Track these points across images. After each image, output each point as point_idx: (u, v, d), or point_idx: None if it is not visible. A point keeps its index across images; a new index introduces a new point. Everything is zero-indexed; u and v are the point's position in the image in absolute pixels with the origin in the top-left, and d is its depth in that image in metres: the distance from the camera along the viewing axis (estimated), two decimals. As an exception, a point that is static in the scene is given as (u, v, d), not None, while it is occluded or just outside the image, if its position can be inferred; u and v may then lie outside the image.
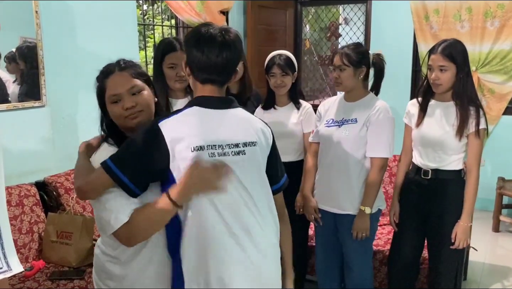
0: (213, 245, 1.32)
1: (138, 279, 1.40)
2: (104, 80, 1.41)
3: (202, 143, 1.31)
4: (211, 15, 4.10)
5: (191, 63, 1.38)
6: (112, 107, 1.40)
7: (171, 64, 2.06)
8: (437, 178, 2.20)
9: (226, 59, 1.36)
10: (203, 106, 1.38)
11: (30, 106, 2.71)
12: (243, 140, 1.38)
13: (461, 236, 2.14)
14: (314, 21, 5.93)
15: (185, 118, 1.35)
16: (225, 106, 1.41)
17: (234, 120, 1.40)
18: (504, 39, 4.10)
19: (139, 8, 4.68)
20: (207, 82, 1.39)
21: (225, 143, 1.35)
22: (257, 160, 1.41)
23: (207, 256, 1.32)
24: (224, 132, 1.36)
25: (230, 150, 1.35)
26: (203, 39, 1.35)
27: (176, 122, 1.33)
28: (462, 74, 2.10)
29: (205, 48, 1.34)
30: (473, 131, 2.11)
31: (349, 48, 2.18)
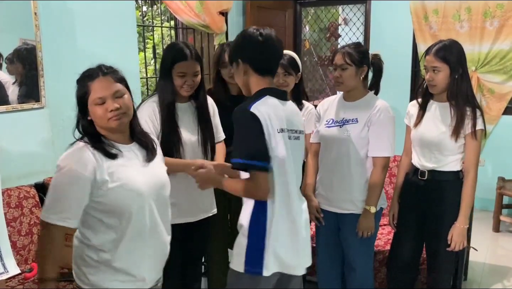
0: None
1: (121, 264, 1.52)
2: (88, 84, 1.50)
3: (283, 126, 1.65)
4: (210, 16, 4.10)
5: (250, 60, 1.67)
6: (96, 109, 1.49)
7: (182, 73, 2.06)
8: (434, 179, 2.20)
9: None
10: (273, 96, 1.67)
11: (30, 108, 2.70)
12: (299, 128, 1.74)
13: (457, 238, 2.13)
14: (313, 21, 5.93)
15: (267, 103, 1.63)
16: (285, 98, 1.74)
17: (292, 110, 1.75)
18: (504, 39, 4.10)
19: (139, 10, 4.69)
20: (268, 74, 1.70)
21: (292, 129, 1.69)
22: (303, 145, 1.79)
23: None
24: (290, 120, 1.69)
25: (294, 135, 1.69)
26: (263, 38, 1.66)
27: (262, 106, 1.61)
28: (456, 75, 2.10)
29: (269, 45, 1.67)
30: (470, 132, 2.10)
31: (351, 48, 2.18)
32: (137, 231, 1.53)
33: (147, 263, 1.58)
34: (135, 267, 1.55)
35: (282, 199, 1.65)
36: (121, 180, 1.49)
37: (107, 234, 1.51)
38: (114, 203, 1.48)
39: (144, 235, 1.56)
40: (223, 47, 2.56)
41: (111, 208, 1.49)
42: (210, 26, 4.13)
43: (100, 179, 1.46)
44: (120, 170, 1.50)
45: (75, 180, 1.44)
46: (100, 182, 1.46)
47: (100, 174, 1.46)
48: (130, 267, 1.54)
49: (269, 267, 1.62)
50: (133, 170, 1.54)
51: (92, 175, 1.45)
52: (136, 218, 1.52)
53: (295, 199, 1.70)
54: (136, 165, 1.57)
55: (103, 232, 1.51)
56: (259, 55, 1.67)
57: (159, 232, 1.62)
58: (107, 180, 1.47)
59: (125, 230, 1.51)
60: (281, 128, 1.63)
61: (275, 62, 1.72)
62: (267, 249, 1.62)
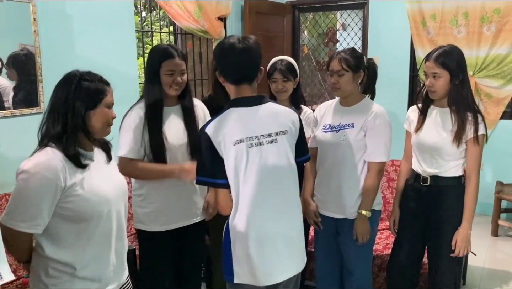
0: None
1: (84, 279, 1.51)
2: (105, 87, 1.54)
3: (241, 136, 1.64)
4: (209, 22, 4.12)
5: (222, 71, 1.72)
6: (106, 112, 1.54)
7: (170, 71, 2.05)
8: (436, 184, 2.19)
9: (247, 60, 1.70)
10: (238, 106, 1.70)
11: (28, 113, 2.71)
12: (275, 130, 1.70)
13: (461, 243, 2.13)
14: (312, 27, 5.95)
15: (225, 119, 1.68)
16: (257, 103, 1.71)
17: (266, 114, 1.71)
18: (501, 44, 4.13)
19: (138, 15, 4.70)
20: (239, 83, 1.71)
21: (260, 134, 1.66)
22: (286, 145, 1.72)
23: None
24: (259, 125, 1.68)
25: (265, 139, 1.67)
26: (225, 48, 1.69)
27: (217, 123, 1.67)
28: (456, 81, 2.10)
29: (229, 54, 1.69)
30: (472, 137, 2.10)
31: (346, 53, 2.18)
32: (104, 236, 1.54)
33: (111, 267, 1.59)
34: (101, 272, 1.56)
35: (244, 210, 1.66)
36: (90, 186, 1.49)
37: (71, 243, 1.49)
38: (83, 210, 1.47)
39: (111, 240, 1.58)
40: None
41: (79, 214, 1.47)
42: (209, 32, 4.15)
43: (69, 185, 1.45)
44: (88, 177, 1.50)
45: (47, 186, 1.41)
46: (69, 189, 1.45)
47: (70, 181, 1.45)
48: (96, 274, 1.54)
49: (239, 274, 1.70)
50: (100, 176, 1.56)
51: (63, 182, 1.43)
52: (104, 223, 1.54)
53: (264, 207, 1.67)
54: (102, 170, 1.59)
55: (67, 240, 1.49)
56: (226, 65, 1.71)
57: (123, 236, 1.66)
58: (76, 186, 1.46)
59: (92, 236, 1.51)
60: (238, 139, 1.65)
61: (243, 70, 1.70)
62: (233, 258, 1.71)
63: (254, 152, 1.66)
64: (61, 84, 1.52)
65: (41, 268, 1.51)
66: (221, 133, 1.65)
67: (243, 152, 1.65)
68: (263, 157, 1.66)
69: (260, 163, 1.66)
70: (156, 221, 2.12)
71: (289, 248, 1.73)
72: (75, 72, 1.53)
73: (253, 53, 1.70)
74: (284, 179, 1.72)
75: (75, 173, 1.47)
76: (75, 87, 1.49)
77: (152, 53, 2.15)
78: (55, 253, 1.48)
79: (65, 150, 1.46)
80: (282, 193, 1.71)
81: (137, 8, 4.51)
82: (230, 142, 1.64)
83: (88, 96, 1.50)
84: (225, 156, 1.65)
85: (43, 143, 1.49)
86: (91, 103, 1.51)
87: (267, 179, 1.67)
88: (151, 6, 4.42)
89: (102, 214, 1.52)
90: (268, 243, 1.68)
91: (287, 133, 1.72)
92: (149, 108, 2.06)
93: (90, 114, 1.51)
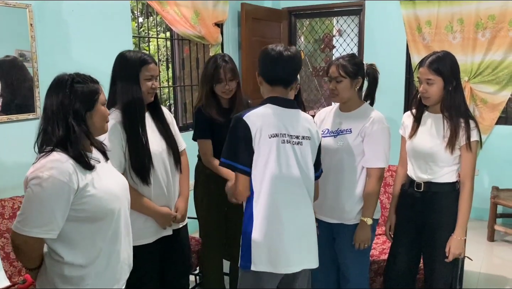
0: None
1: (98, 278, 1.54)
2: (97, 86, 1.58)
3: (276, 131, 1.79)
4: (205, 27, 4.13)
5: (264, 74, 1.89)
6: (103, 110, 1.59)
7: (150, 75, 2.04)
8: (430, 190, 2.20)
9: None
10: (275, 104, 1.84)
11: (25, 118, 2.70)
12: (302, 134, 1.84)
13: (455, 250, 2.12)
14: (308, 33, 5.98)
15: (263, 112, 1.82)
16: (290, 106, 1.88)
17: (296, 117, 1.87)
18: (496, 50, 4.16)
19: (135, 21, 4.71)
20: (276, 84, 1.86)
21: (290, 134, 1.82)
22: (309, 151, 1.87)
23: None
24: (290, 126, 1.83)
25: (292, 140, 1.82)
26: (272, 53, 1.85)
27: (256, 115, 1.80)
28: (450, 87, 2.10)
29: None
30: (465, 144, 2.10)
31: (345, 60, 2.18)
32: (115, 233, 1.58)
33: (121, 263, 1.63)
34: (113, 269, 1.59)
35: (267, 199, 1.78)
36: (101, 186, 1.52)
37: (86, 244, 1.51)
38: (97, 209, 1.50)
39: (120, 236, 1.62)
40: (216, 63, 2.50)
41: (94, 214, 1.50)
42: (206, 37, 4.16)
43: (82, 187, 1.47)
44: (97, 177, 1.53)
45: (61, 190, 1.42)
46: (82, 190, 1.47)
47: (82, 182, 1.47)
48: (108, 271, 1.57)
49: (256, 262, 1.77)
50: (106, 175, 1.59)
51: (75, 184, 1.45)
52: (116, 220, 1.58)
53: (284, 199, 1.80)
54: (106, 170, 1.62)
55: (82, 243, 1.51)
56: (267, 68, 1.87)
57: (129, 231, 1.70)
58: (88, 187, 1.48)
59: (106, 234, 1.54)
60: (273, 133, 1.79)
61: (284, 74, 1.85)
62: (253, 245, 1.77)
63: (284, 148, 1.80)
64: (54, 90, 1.53)
65: (55, 274, 1.51)
66: (259, 124, 1.78)
67: (275, 146, 1.78)
68: (298, 154, 1.82)
69: (295, 158, 1.81)
70: (145, 233, 2.08)
71: (307, 241, 1.86)
72: (65, 76, 1.55)
73: (297, 62, 1.88)
74: (304, 177, 1.84)
75: (85, 174, 1.49)
76: (69, 91, 1.50)
77: (125, 59, 2.05)
78: (70, 256, 1.50)
79: (73, 154, 1.47)
80: (300, 189, 1.84)
81: (134, 13, 4.52)
82: (266, 135, 1.78)
83: (84, 98, 1.52)
84: (257, 146, 1.78)
85: (47, 150, 1.48)
86: (88, 105, 1.53)
87: (290, 173, 1.80)
88: (148, 12, 4.43)
89: (115, 211, 1.56)
90: (287, 232, 1.79)
91: (310, 140, 1.87)
92: (132, 118, 2.00)
93: (89, 115, 1.54)
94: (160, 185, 2.09)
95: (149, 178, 2.03)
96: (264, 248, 1.77)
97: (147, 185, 2.04)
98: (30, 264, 1.55)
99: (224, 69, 2.48)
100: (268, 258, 1.77)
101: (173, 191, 2.18)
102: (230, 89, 2.52)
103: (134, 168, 2.01)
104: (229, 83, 2.50)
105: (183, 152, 2.32)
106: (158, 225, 2.12)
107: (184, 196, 2.25)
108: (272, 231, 1.77)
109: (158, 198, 2.10)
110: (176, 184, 2.20)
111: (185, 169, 2.30)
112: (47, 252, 1.54)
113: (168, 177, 2.13)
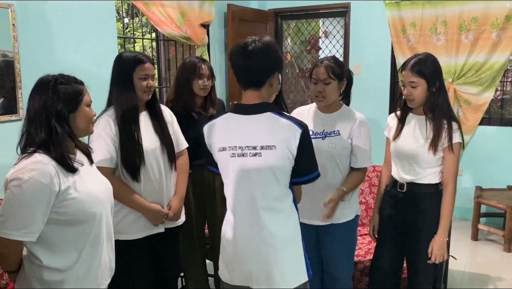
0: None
1: (79, 283, 1.52)
2: (81, 87, 1.55)
3: (225, 144, 1.65)
4: (191, 28, 4.12)
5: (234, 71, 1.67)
6: (88, 111, 1.56)
7: (144, 75, 2.06)
8: (413, 191, 2.21)
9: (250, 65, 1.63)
10: (236, 112, 1.69)
11: (7, 120, 2.66)
12: (261, 144, 1.60)
13: (437, 251, 2.13)
14: (294, 34, 6.00)
15: (218, 123, 1.72)
16: (253, 112, 1.65)
17: (256, 125, 1.64)
18: (479, 52, 4.22)
19: (120, 21, 4.67)
20: (245, 88, 1.67)
21: (245, 145, 1.61)
22: (271, 162, 1.61)
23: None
24: (246, 136, 1.62)
25: (249, 151, 1.61)
26: (235, 50, 1.66)
27: (211, 126, 1.72)
28: (433, 88, 2.11)
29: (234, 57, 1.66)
30: (447, 145, 2.11)
31: (330, 61, 2.17)
32: (97, 237, 1.56)
33: (102, 268, 1.61)
34: (94, 273, 1.57)
35: (228, 212, 1.74)
36: (83, 189, 1.50)
37: (66, 248, 1.49)
38: (79, 212, 1.48)
39: (102, 241, 1.60)
40: (196, 60, 2.56)
41: (75, 217, 1.48)
42: (192, 38, 4.14)
43: (63, 189, 1.44)
44: (80, 180, 1.51)
45: (42, 193, 1.40)
46: (63, 193, 1.45)
47: (63, 185, 1.45)
48: (89, 276, 1.55)
49: (222, 273, 1.78)
50: (89, 178, 1.57)
51: (57, 186, 1.43)
52: (98, 224, 1.56)
53: (238, 213, 1.69)
54: (89, 173, 1.60)
55: (62, 246, 1.49)
56: (234, 69, 1.68)
57: (111, 236, 1.68)
58: (70, 190, 1.46)
59: (87, 238, 1.53)
60: (221, 147, 1.67)
61: (247, 75, 1.65)
62: (220, 256, 1.80)
63: (235, 162, 1.64)
64: (37, 91, 1.51)
65: (34, 277, 1.49)
66: (211, 136, 1.71)
67: (225, 160, 1.67)
68: (243, 167, 1.63)
69: (239, 173, 1.64)
70: (136, 227, 2.09)
71: (269, 256, 1.66)
72: (48, 77, 1.53)
73: (261, 56, 1.61)
74: (259, 192, 1.64)
75: (67, 177, 1.47)
76: (52, 92, 1.48)
77: (121, 60, 2.11)
78: (50, 260, 1.47)
79: (55, 156, 1.45)
80: (255, 206, 1.65)
81: (119, 14, 4.49)
82: (216, 148, 1.69)
83: (68, 100, 1.50)
84: (215, 158, 1.73)
85: (29, 151, 1.46)
86: (72, 106, 1.51)
87: (243, 189, 1.66)
88: (133, 12, 4.40)
89: (97, 215, 1.54)
90: (238, 245, 1.70)
91: (274, 149, 1.60)
92: (124, 116, 2.03)
93: (73, 116, 1.51)
94: (151, 182, 2.09)
95: (139, 175, 2.04)
96: (223, 260, 1.77)
97: (136, 181, 2.05)
98: (9, 266, 1.54)
99: (204, 66, 2.55)
100: (227, 270, 1.76)
101: (166, 189, 2.17)
102: (208, 86, 2.57)
103: (124, 164, 2.03)
104: (208, 80, 2.55)
105: (183, 152, 2.32)
106: (149, 221, 2.12)
107: (179, 195, 2.23)
108: (226, 245, 1.74)
109: (149, 194, 2.09)
110: (170, 182, 2.20)
111: (183, 169, 2.29)
112: (26, 255, 1.52)
113: (161, 175, 2.13)
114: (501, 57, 4.15)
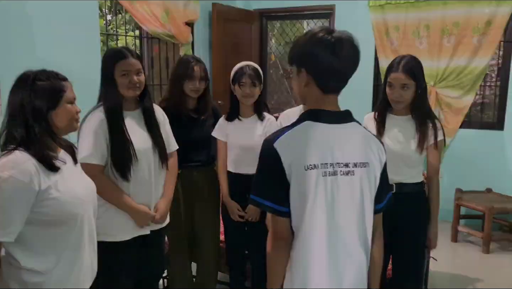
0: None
1: (59, 285, 1.48)
2: (63, 83, 1.49)
3: (316, 162, 1.30)
4: (176, 27, 4.08)
5: (315, 70, 1.34)
6: (69, 108, 1.50)
7: (124, 71, 2.01)
8: (402, 192, 2.21)
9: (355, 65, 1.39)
10: (318, 121, 1.35)
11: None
12: (353, 161, 1.34)
13: (435, 239, 2.26)
14: (279, 35, 6.00)
15: (300, 135, 1.33)
16: (341, 121, 1.37)
17: (348, 137, 1.37)
18: (460, 56, 4.28)
19: (103, 18, 4.60)
20: (331, 92, 1.37)
21: (336, 162, 1.32)
22: (365, 182, 1.37)
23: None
24: (337, 150, 1.33)
25: (339, 169, 1.32)
26: (334, 43, 1.33)
27: (290, 139, 1.33)
28: (420, 90, 2.15)
29: (340, 53, 1.33)
30: (432, 143, 2.17)
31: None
32: (78, 239, 1.52)
33: (84, 271, 1.57)
34: (75, 276, 1.53)
35: (306, 248, 1.34)
36: (65, 189, 1.46)
37: (45, 250, 1.45)
38: (59, 213, 1.44)
39: (84, 243, 1.55)
40: (189, 61, 2.51)
41: (55, 218, 1.44)
42: (176, 36, 4.11)
43: (44, 189, 1.40)
44: (61, 179, 1.46)
45: (21, 191, 1.36)
46: (44, 193, 1.40)
47: (44, 184, 1.40)
48: (70, 278, 1.51)
49: None
50: (72, 178, 1.53)
51: (37, 186, 1.38)
52: (79, 226, 1.51)
53: (326, 254, 1.35)
54: (72, 173, 1.55)
55: (41, 248, 1.45)
56: (326, 71, 1.34)
57: (94, 238, 1.64)
58: (51, 190, 1.42)
59: (68, 240, 1.49)
60: (312, 164, 1.30)
61: (344, 79, 1.39)
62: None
63: (326, 183, 1.31)
64: (16, 87, 1.46)
65: (12, 279, 1.44)
66: (293, 152, 1.31)
67: (314, 180, 1.30)
68: (334, 190, 1.32)
69: (330, 197, 1.32)
70: (123, 229, 2.05)
71: None
72: (28, 72, 1.48)
73: (356, 61, 1.42)
74: (352, 223, 1.37)
75: (49, 176, 1.43)
76: (30, 89, 1.43)
77: (105, 56, 2.11)
78: (29, 261, 1.43)
79: (35, 154, 1.40)
80: (345, 243, 1.36)
81: (102, 11, 4.42)
82: (301, 166, 1.30)
83: (46, 97, 1.45)
84: (292, 180, 1.31)
85: (10, 148, 1.41)
86: (51, 103, 1.46)
87: (334, 219, 1.33)
88: (116, 9, 4.33)
89: (78, 216, 1.49)
90: None
91: (368, 166, 1.37)
92: (108, 113, 2.00)
93: (52, 114, 1.46)
94: (141, 182, 2.05)
95: (129, 174, 2.00)
96: None
97: (126, 181, 2.01)
98: None
99: (197, 67, 2.49)
100: None
101: (156, 190, 2.13)
102: (200, 88, 2.52)
103: (114, 163, 1.99)
104: (200, 82, 2.50)
105: (173, 154, 2.28)
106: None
107: (166, 197, 2.19)
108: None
109: (138, 195, 2.05)
110: (160, 183, 2.17)
111: (172, 171, 2.25)
112: (5, 256, 1.47)
113: (151, 175, 2.08)
114: (482, 62, 4.21)
